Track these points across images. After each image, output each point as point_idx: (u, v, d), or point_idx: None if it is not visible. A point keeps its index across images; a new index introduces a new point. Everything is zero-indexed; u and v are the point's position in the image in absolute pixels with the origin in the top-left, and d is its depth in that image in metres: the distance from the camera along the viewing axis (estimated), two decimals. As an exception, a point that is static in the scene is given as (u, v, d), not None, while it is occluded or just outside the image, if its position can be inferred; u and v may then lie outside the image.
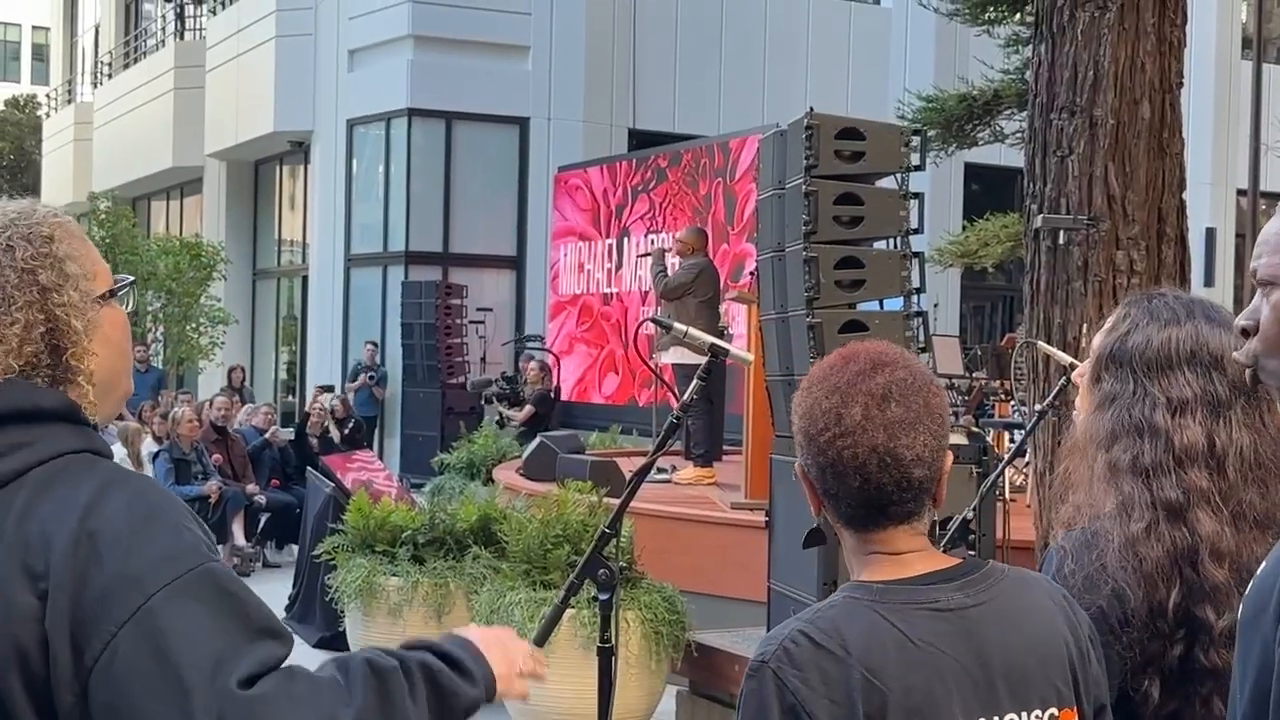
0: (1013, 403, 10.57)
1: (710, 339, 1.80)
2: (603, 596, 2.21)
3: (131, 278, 1.59)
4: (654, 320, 2.56)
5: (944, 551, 2.13)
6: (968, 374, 11.49)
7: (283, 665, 1.37)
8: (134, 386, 1.61)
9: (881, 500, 1.60)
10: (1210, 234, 19.04)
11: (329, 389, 15.51)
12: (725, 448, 9.83)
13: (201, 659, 1.30)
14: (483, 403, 14.67)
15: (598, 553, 2.13)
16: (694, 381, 2.12)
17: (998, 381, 11.09)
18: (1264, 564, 1.41)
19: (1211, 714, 1.84)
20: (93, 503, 1.36)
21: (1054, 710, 1.62)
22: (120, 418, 10.33)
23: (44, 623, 1.32)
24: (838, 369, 1.62)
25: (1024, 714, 1.60)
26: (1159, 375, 1.94)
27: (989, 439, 6.90)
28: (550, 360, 15.25)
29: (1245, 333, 1.50)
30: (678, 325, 2.25)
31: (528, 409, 14.14)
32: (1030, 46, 11.48)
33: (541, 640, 2.33)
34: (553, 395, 14.76)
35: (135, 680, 1.29)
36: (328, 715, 1.35)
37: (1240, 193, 19.30)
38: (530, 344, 16.03)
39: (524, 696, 1.65)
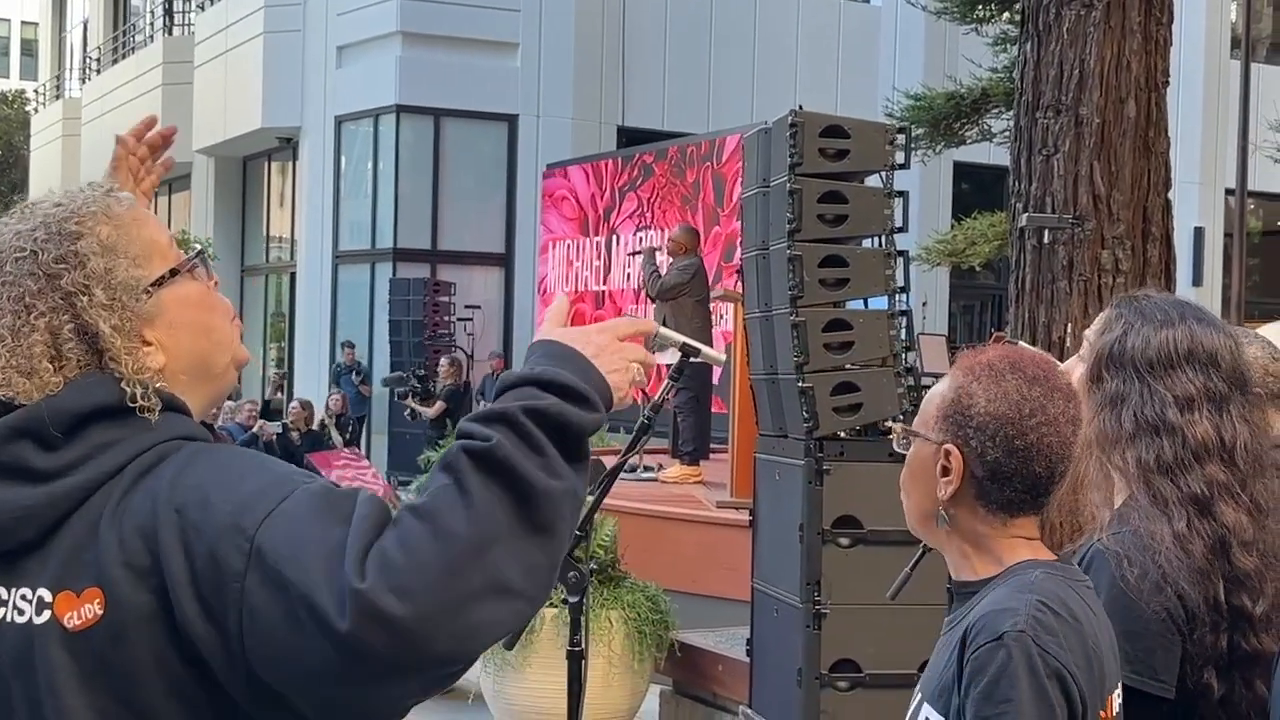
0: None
1: (681, 338, 1.78)
2: (573, 599, 2.19)
3: (199, 248, 1.51)
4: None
5: (925, 551, 2.14)
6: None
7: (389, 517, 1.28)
8: (246, 354, 1.54)
9: (1046, 487, 1.74)
10: (1199, 233, 19.06)
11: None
12: (712, 446, 9.81)
13: (319, 574, 1.22)
14: (395, 399, 14.71)
15: (568, 555, 2.11)
16: (665, 381, 2.10)
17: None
18: None
19: (1255, 695, 1.92)
20: (175, 481, 1.31)
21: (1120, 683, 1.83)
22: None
23: (171, 620, 1.27)
24: (1025, 364, 1.76)
25: (1119, 686, 1.80)
26: (1163, 374, 2.00)
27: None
28: (463, 358, 15.34)
29: None
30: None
31: (439, 405, 14.33)
32: (1018, 45, 11.50)
33: (511, 644, 2.30)
34: (464, 390, 14.91)
35: (274, 623, 1.23)
36: (444, 541, 1.24)
37: (1229, 192, 19.33)
38: (443, 343, 16.03)
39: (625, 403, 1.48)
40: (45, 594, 1.31)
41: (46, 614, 1.30)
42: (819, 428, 4.76)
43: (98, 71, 26.57)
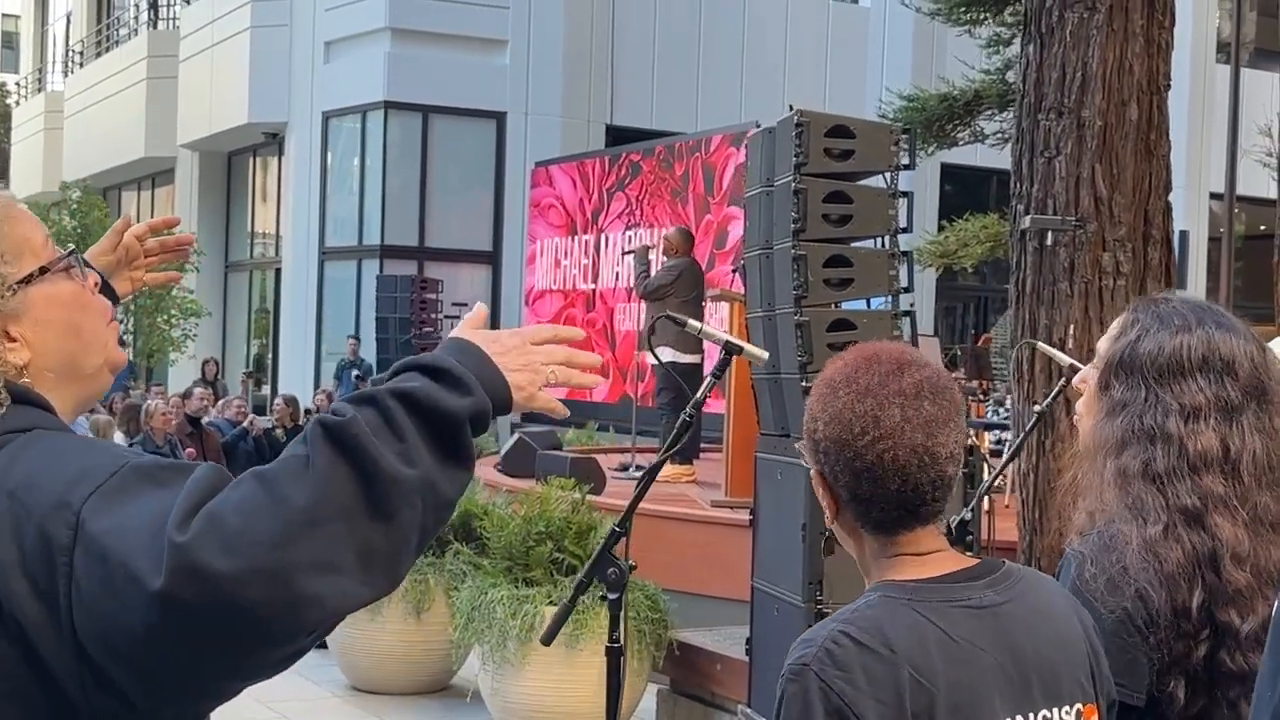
0: (989, 403, 10.59)
1: (726, 336, 1.78)
2: (612, 596, 2.19)
3: (72, 248, 1.50)
4: (670, 318, 2.54)
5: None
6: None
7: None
8: (122, 356, 1.51)
9: (916, 501, 1.59)
10: (1183, 237, 19.14)
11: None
12: (701, 445, 9.81)
13: (140, 540, 1.22)
14: None
15: (608, 551, 2.11)
16: (707, 379, 2.09)
17: (976, 381, 11.12)
18: None
19: (1238, 715, 1.85)
20: (8, 468, 1.31)
21: (1080, 706, 1.64)
22: (91, 410, 10.23)
23: (1, 609, 1.26)
24: (863, 371, 1.60)
25: (1055, 710, 1.61)
26: (1171, 382, 1.93)
27: (972, 439, 6.91)
28: None
29: None
30: (692, 323, 2.23)
31: None
32: (1011, 46, 11.51)
33: (549, 639, 2.30)
34: None
35: (96, 595, 1.22)
36: (279, 506, 1.22)
37: (1214, 196, 19.44)
38: (430, 340, 15.99)
39: (552, 410, 1.43)
40: None
41: None
42: (822, 427, 4.77)
43: (80, 65, 26.41)
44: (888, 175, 4.99)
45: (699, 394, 2.04)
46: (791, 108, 5.02)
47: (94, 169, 23.80)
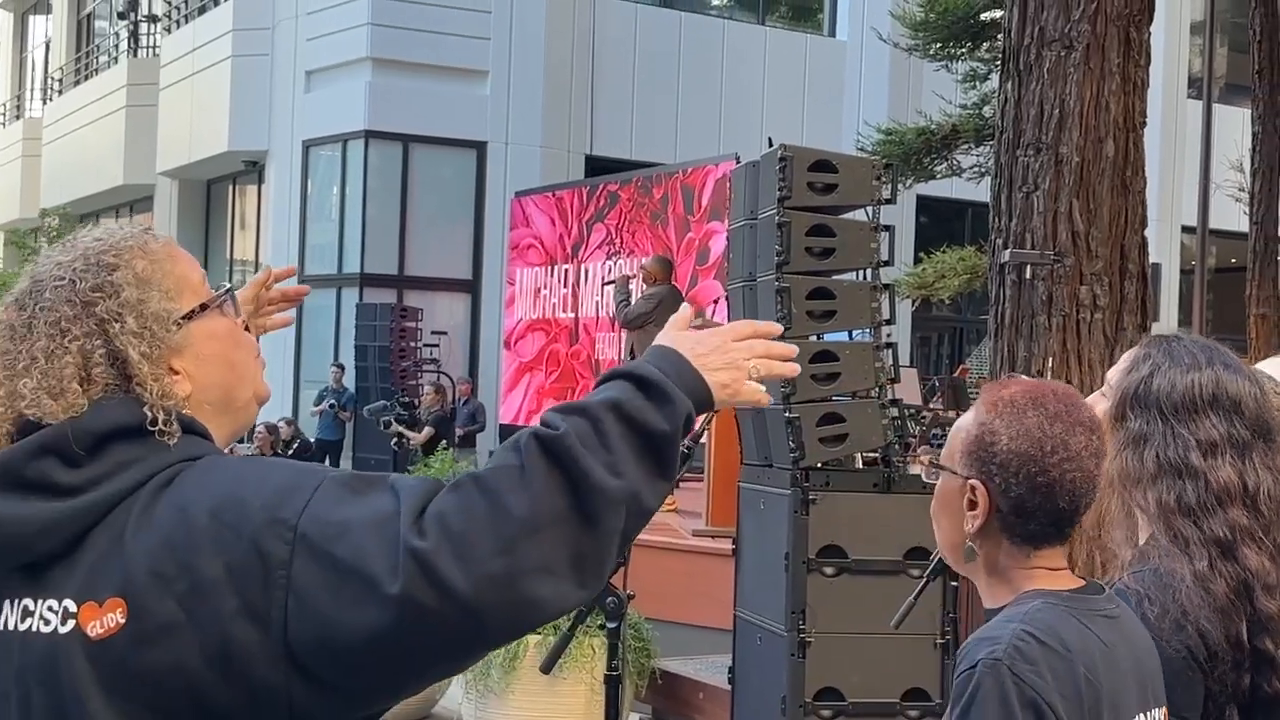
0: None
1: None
2: (611, 625, 2.23)
3: (227, 286, 1.57)
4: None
5: (927, 581, 2.20)
6: (925, 404, 11.60)
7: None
8: (268, 390, 1.59)
9: (1069, 521, 1.77)
10: (1155, 270, 19.32)
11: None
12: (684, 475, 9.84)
13: (368, 544, 1.29)
14: (380, 428, 14.72)
15: (606, 581, 2.16)
16: (702, 415, 2.15)
17: (954, 411, 11.21)
18: None
19: None
20: (200, 489, 1.36)
21: (1163, 709, 1.83)
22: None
23: (194, 627, 1.30)
24: (1047, 399, 1.77)
25: (1157, 711, 1.81)
26: (1186, 418, 2.01)
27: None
28: (447, 383, 15.40)
29: None
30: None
31: (427, 430, 14.37)
32: (988, 81, 11.65)
33: (548, 668, 2.34)
34: (451, 417, 14.99)
35: (322, 600, 1.29)
36: (501, 515, 1.30)
37: (1185, 229, 19.66)
38: (426, 367, 16.00)
39: (757, 402, 1.52)
40: (70, 604, 1.36)
41: (71, 624, 1.35)
42: (805, 458, 4.82)
43: (60, 92, 26.37)
44: (869, 209, 5.07)
45: (696, 428, 2.09)
46: (770, 141, 5.10)
47: (72, 196, 23.73)
